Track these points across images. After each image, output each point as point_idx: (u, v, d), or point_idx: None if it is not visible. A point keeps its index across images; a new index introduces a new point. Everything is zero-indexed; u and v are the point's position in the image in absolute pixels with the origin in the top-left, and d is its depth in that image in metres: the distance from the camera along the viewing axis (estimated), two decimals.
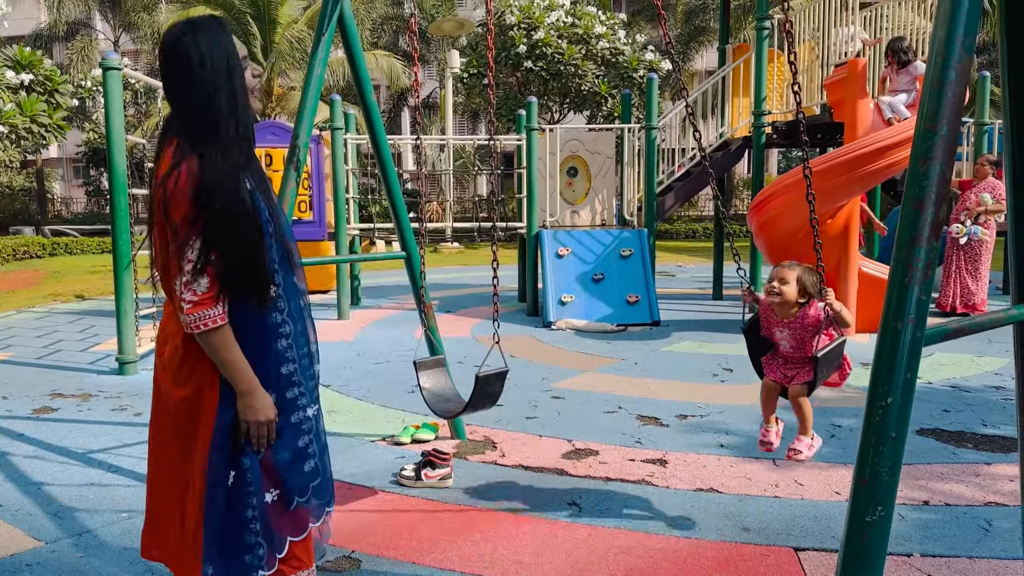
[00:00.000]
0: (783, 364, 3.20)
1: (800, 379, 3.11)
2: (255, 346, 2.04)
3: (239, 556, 2.01)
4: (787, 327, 3.13)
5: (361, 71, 4.13)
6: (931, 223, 1.71)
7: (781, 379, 3.19)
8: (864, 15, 8.93)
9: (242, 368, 1.98)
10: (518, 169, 9.70)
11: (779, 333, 3.16)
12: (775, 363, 3.23)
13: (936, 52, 1.77)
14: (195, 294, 1.93)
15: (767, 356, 3.27)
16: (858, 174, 6.76)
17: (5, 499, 3.65)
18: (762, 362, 3.28)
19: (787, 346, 3.16)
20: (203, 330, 1.94)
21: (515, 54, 17.00)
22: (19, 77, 12.50)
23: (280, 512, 2.08)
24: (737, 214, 26.19)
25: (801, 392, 3.11)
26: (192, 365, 2.02)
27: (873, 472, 1.69)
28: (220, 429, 2.01)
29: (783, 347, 3.18)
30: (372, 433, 4.66)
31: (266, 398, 2.01)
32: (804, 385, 3.09)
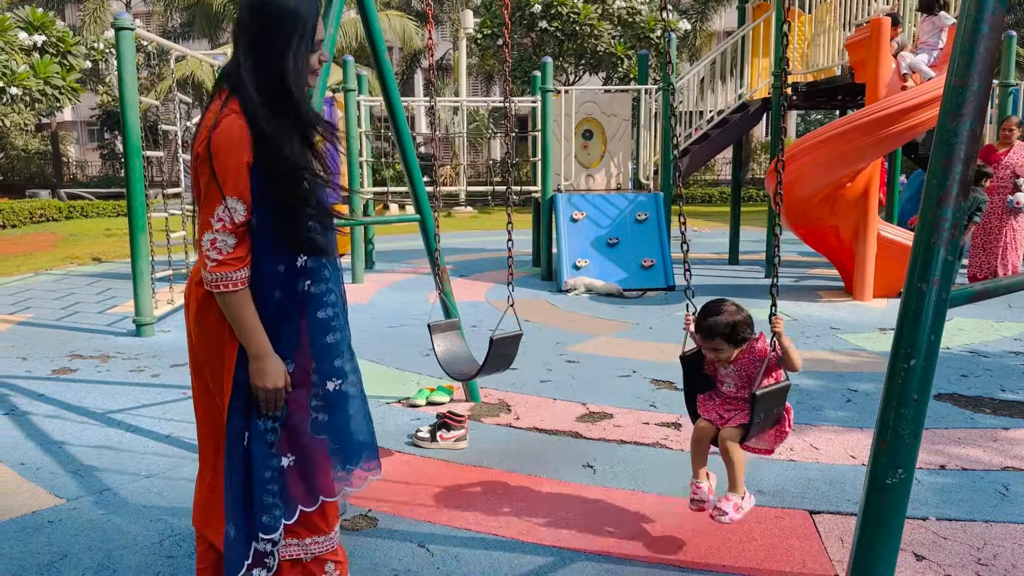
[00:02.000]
0: (721, 404, 2.79)
1: (735, 421, 2.71)
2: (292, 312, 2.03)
3: (257, 516, 2.02)
4: (732, 364, 2.75)
5: (375, 32, 4.07)
6: (959, 182, 1.67)
7: (717, 420, 2.76)
8: None
9: (255, 332, 1.96)
10: (532, 132, 9.60)
11: (723, 370, 2.77)
12: (712, 403, 2.81)
13: (969, 5, 1.71)
14: (220, 253, 1.91)
15: (704, 395, 2.85)
16: (879, 136, 6.65)
17: (27, 457, 3.70)
18: (698, 400, 2.86)
19: (731, 385, 2.77)
20: (223, 291, 1.92)
21: (530, 14, 16.76)
22: (32, 38, 12.44)
23: (296, 478, 2.08)
24: (754, 178, 25.93)
25: (734, 436, 2.67)
26: (215, 322, 2.01)
27: (894, 435, 1.67)
28: (237, 387, 2.01)
29: (726, 386, 2.78)
30: (387, 395, 4.69)
31: (277, 364, 1.99)
32: (739, 428, 2.68)
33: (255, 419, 2.01)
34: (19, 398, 4.67)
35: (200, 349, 2.06)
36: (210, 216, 1.91)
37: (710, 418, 2.77)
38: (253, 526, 2.02)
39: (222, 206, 1.90)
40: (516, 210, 16.38)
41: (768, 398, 2.55)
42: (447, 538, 2.87)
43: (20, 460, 3.67)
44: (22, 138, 28.67)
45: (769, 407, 2.58)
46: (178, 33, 28.51)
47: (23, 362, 5.52)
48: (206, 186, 1.92)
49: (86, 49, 20.98)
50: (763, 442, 2.82)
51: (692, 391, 2.89)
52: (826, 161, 6.91)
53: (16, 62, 11.75)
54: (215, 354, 2.03)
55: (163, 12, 29.22)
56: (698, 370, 2.86)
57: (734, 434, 2.68)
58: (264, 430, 2.02)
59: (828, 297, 7.85)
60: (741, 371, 2.73)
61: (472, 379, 3.69)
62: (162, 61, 26.31)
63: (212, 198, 1.91)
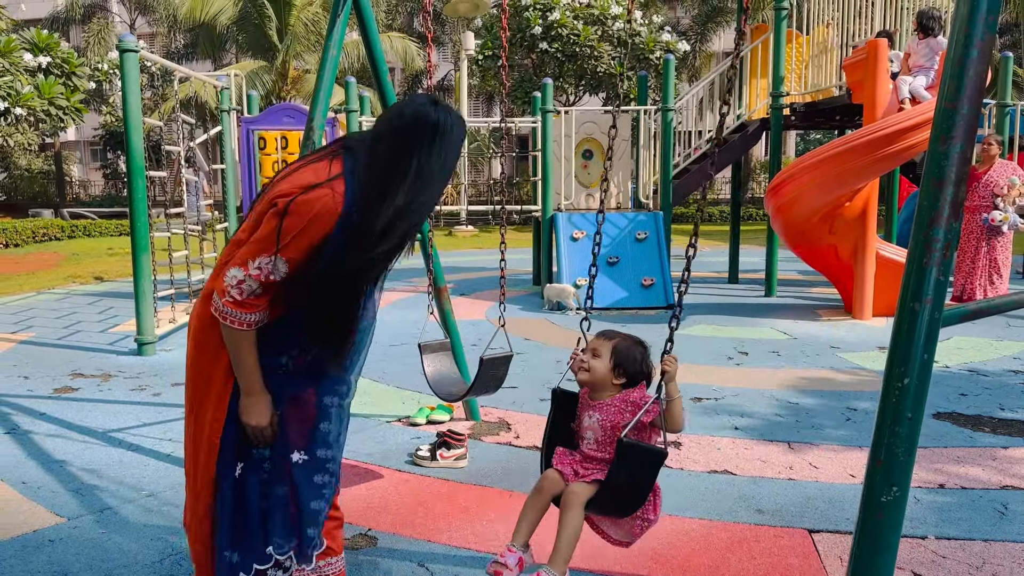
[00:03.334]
0: (581, 460, 2.34)
1: (590, 477, 2.28)
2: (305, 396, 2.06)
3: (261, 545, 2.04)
4: (598, 410, 2.31)
5: (376, 53, 4.12)
6: (951, 203, 1.70)
7: (570, 476, 2.31)
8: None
9: (250, 371, 1.96)
10: (533, 152, 9.67)
11: (587, 419, 2.33)
12: (571, 457, 2.37)
13: (958, 30, 1.75)
14: (242, 295, 1.90)
15: (564, 449, 2.41)
16: (876, 156, 6.70)
17: (28, 476, 3.71)
18: (555, 452, 2.41)
19: (591, 439, 2.31)
20: (228, 325, 1.92)
21: (530, 35, 16.91)
22: (37, 60, 12.56)
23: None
24: (754, 197, 26.03)
25: (583, 493, 2.22)
26: (213, 347, 2.01)
27: (889, 452, 1.69)
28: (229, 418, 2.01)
29: (586, 440, 2.33)
30: (388, 414, 4.70)
31: (263, 404, 1.99)
32: (592, 484, 2.24)
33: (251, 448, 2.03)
34: (21, 417, 4.69)
35: (191, 366, 2.07)
36: (250, 258, 1.89)
37: (562, 470, 2.33)
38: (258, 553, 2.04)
39: (269, 259, 1.88)
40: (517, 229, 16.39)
41: (637, 454, 2.15)
42: (447, 557, 2.88)
43: (21, 479, 3.68)
44: (25, 158, 28.83)
45: (634, 467, 2.16)
46: (181, 54, 28.75)
47: (25, 381, 5.54)
48: (266, 228, 1.89)
49: (90, 70, 21.16)
50: (620, 531, 2.40)
51: (552, 437, 2.46)
52: (824, 181, 6.96)
53: (21, 83, 11.86)
54: (202, 375, 2.04)
55: (167, 33, 29.48)
56: (568, 414, 2.44)
57: (585, 490, 2.24)
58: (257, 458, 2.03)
59: (827, 316, 7.87)
60: (606, 422, 2.29)
61: (460, 400, 3.71)
62: (165, 82, 26.51)
63: (264, 245, 1.88)
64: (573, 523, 2.19)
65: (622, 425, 2.22)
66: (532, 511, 2.32)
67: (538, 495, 2.32)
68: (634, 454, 2.13)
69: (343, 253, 1.89)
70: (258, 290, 1.90)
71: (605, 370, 2.30)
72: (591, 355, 2.33)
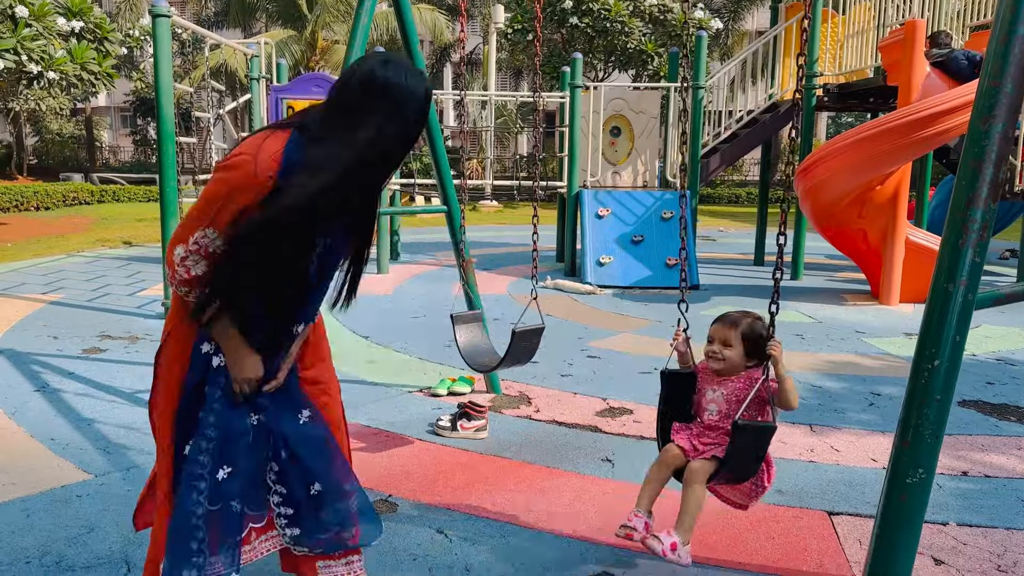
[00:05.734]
0: (699, 434, 2.45)
1: (709, 453, 2.39)
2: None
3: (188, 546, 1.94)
4: (722, 386, 2.45)
5: (408, 24, 4.10)
6: (990, 183, 1.67)
7: (690, 450, 2.42)
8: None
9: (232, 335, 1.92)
10: (560, 127, 9.60)
11: (711, 393, 2.46)
12: (688, 431, 2.48)
13: (1004, 7, 1.71)
14: (188, 272, 1.83)
15: (681, 424, 2.53)
16: (910, 140, 6.58)
17: (57, 434, 3.78)
18: (672, 427, 2.53)
19: (715, 412, 2.44)
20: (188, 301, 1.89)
21: (561, 10, 16.72)
22: (70, 24, 12.62)
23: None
24: (782, 179, 25.71)
25: (704, 469, 2.34)
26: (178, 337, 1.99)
27: (916, 434, 1.68)
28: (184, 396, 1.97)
29: (708, 413, 2.45)
30: (410, 384, 4.73)
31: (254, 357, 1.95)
32: (712, 461, 2.35)
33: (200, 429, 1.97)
34: (50, 375, 4.77)
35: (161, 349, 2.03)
36: (189, 233, 1.81)
37: (683, 445, 2.43)
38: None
39: (202, 231, 1.81)
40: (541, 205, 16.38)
41: (751, 433, 2.27)
42: (465, 525, 2.91)
43: (50, 435, 3.75)
44: (57, 122, 29.15)
45: (750, 445, 2.28)
46: (212, 22, 28.78)
47: (54, 341, 5.64)
48: (199, 199, 1.83)
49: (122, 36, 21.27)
50: (737, 494, 2.53)
51: (669, 415, 2.56)
52: (856, 164, 6.85)
53: (54, 47, 11.93)
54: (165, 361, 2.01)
55: (198, 1, 29.52)
56: (681, 392, 2.55)
57: (705, 467, 2.34)
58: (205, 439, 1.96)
59: (854, 300, 7.78)
60: (731, 397, 2.41)
61: (493, 371, 3.72)
62: (196, 49, 26.59)
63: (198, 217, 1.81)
64: (696, 497, 2.34)
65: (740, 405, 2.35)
66: (655, 481, 2.46)
67: (661, 467, 2.45)
68: (748, 433, 2.26)
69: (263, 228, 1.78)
70: (203, 265, 1.83)
71: (739, 358, 2.41)
72: (721, 345, 2.43)
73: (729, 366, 2.42)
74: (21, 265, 9.27)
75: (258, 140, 1.82)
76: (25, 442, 3.68)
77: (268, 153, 1.78)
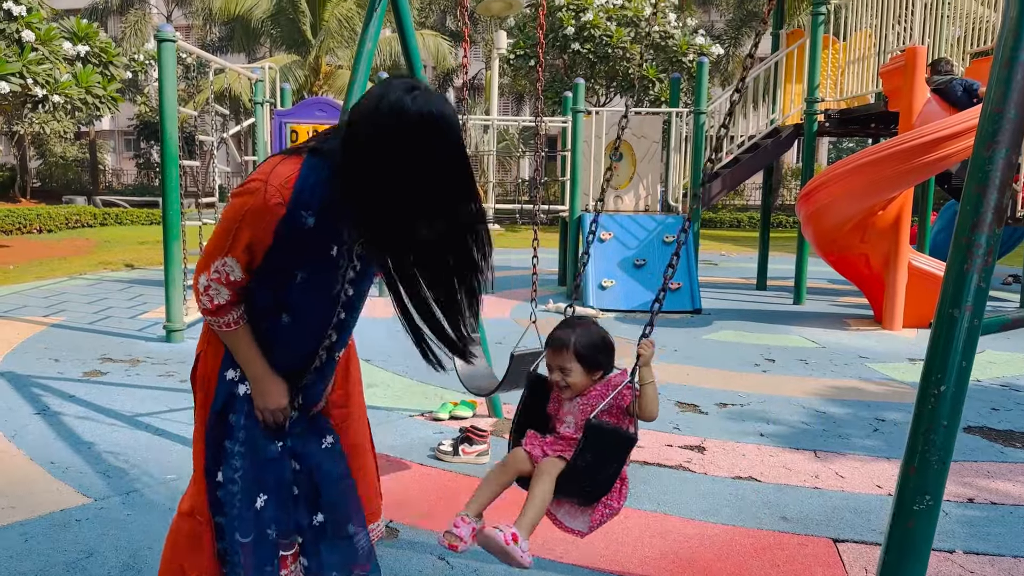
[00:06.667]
0: (552, 442, 2.24)
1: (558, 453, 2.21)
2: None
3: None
4: (581, 395, 2.24)
5: (411, 48, 4.14)
6: (994, 209, 1.67)
7: (539, 456, 2.20)
8: (924, 2, 8.67)
9: (252, 360, 1.91)
10: (562, 151, 9.64)
11: (568, 404, 2.25)
12: (541, 440, 2.26)
13: (1006, 33, 1.71)
14: (212, 302, 1.84)
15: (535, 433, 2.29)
16: (912, 165, 6.60)
17: (57, 457, 3.76)
18: (527, 435, 2.29)
19: (571, 423, 2.22)
20: (216, 329, 1.90)
21: (563, 36, 16.89)
22: (75, 48, 12.74)
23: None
24: (784, 204, 25.79)
25: (554, 467, 2.14)
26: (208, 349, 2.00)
27: (923, 460, 1.66)
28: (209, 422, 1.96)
29: (565, 426, 2.24)
30: (411, 408, 4.71)
31: (277, 384, 1.93)
32: (563, 460, 2.15)
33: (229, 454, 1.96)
34: (50, 398, 4.76)
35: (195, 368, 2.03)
36: (210, 261, 1.82)
37: (531, 451, 2.23)
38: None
39: (222, 260, 1.81)
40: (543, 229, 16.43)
41: (606, 437, 2.09)
42: (467, 552, 2.87)
43: (50, 459, 3.73)
44: (61, 145, 29.31)
45: (603, 451, 2.10)
46: (216, 46, 29.07)
47: (55, 363, 5.63)
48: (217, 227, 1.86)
49: (127, 60, 21.46)
50: (580, 517, 2.26)
51: (524, 421, 2.34)
52: (858, 189, 6.87)
53: (59, 71, 12.04)
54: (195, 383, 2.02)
55: (203, 26, 29.83)
56: (542, 399, 2.34)
57: (555, 464, 2.15)
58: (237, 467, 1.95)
59: (857, 325, 7.77)
60: (586, 406, 2.19)
61: (491, 395, 3.70)
62: (200, 73, 26.81)
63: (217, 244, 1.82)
64: (542, 491, 2.13)
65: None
66: (493, 484, 2.23)
67: (502, 470, 2.24)
68: (602, 435, 2.07)
69: (290, 259, 1.81)
70: (226, 293, 1.83)
71: (584, 379, 2.20)
72: (560, 374, 2.20)
73: (578, 389, 2.20)
74: (23, 287, 9.28)
75: (270, 165, 1.80)
76: (24, 465, 3.65)
77: (281, 178, 1.76)
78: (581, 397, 2.22)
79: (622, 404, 2.16)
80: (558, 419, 2.28)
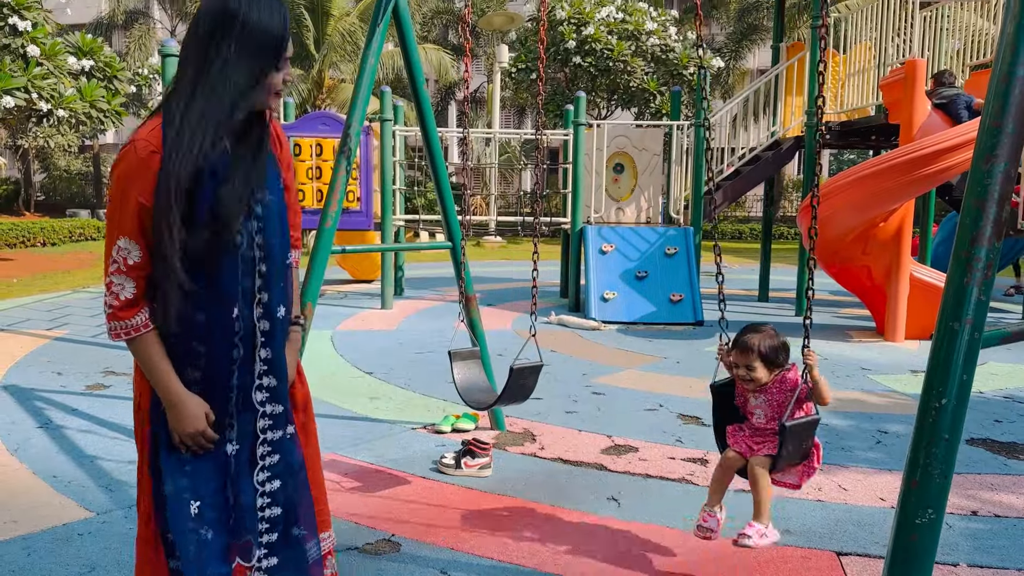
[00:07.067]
0: (751, 435, 2.79)
1: (765, 451, 2.74)
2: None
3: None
4: (762, 393, 2.76)
5: (414, 62, 4.16)
6: (993, 222, 1.67)
7: (746, 451, 2.77)
8: (924, 15, 8.72)
9: (163, 376, 1.81)
10: (563, 164, 9.67)
11: (754, 400, 2.78)
12: (742, 434, 2.82)
13: (1004, 47, 1.73)
14: (117, 298, 1.76)
15: (734, 426, 2.85)
16: (913, 177, 6.62)
17: (59, 471, 3.76)
18: (727, 432, 2.86)
19: (761, 416, 2.76)
20: (125, 339, 1.79)
21: (564, 49, 16.96)
22: (80, 63, 12.83)
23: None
24: (786, 216, 25.81)
25: (763, 463, 2.70)
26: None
27: (925, 474, 1.66)
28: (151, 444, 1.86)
29: (756, 417, 2.78)
30: (413, 421, 4.71)
31: (192, 407, 1.81)
32: (768, 457, 2.70)
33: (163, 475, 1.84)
34: (53, 412, 4.76)
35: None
36: (108, 254, 1.75)
37: (739, 449, 2.78)
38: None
39: (115, 243, 1.74)
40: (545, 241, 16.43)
41: (798, 430, 2.59)
42: (469, 565, 2.87)
43: (52, 473, 3.74)
44: (65, 159, 29.41)
45: (798, 440, 2.61)
46: None
47: (58, 376, 5.63)
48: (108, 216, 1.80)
49: (131, 74, 21.58)
50: (790, 476, 2.80)
51: (721, 422, 2.91)
52: (859, 201, 6.88)
53: (64, 85, 12.11)
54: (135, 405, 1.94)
55: None
56: (728, 401, 2.88)
57: (764, 461, 2.70)
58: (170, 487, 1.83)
59: (859, 337, 7.76)
60: (772, 401, 2.74)
61: (489, 408, 3.71)
62: None
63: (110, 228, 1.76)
64: (763, 485, 2.70)
65: (783, 403, 2.70)
66: (719, 484, 2.83)
67: (722, 472, 2.82)
68: (797, 430, 2.60)
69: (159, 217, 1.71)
70: (130, 286, 1.75)
71: (765, 374, 2.72)
72: (746, 370, 2.72)
73: (760, 382, 2.72)
74: (26, 301, 9.30)
75: (134, 131, 1.80)
76: (27, 479, 3.66)
77: (146, 130, 1.75)
78: (764, 395, 2.75)
79: (800, 397, 2.66)
80: (748, 411, 2.81)
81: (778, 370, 2.73)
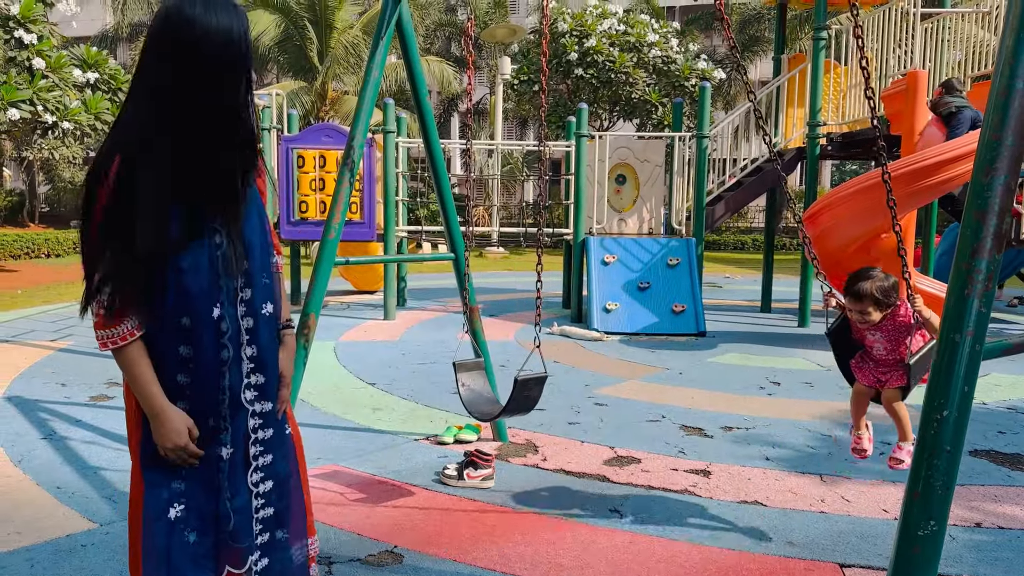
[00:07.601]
0: (875, 368, 3.17)
1: (893, 383, 3.11)
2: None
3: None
4: (878, 330, 3.10)
5: (417, 74, 4.19)
6: (993, 234, 1.68)
7: (874, 383, 3.17)
8: (925, 27, 8.75)
9: (145, 389, 1.80)
10: (566, 175, 9.70)
11: (871, 336, 3.13)
12: (866, 367, 3.20)
13: (1003, 61, 1.74)
14: (101, 306, 1.75)
15: (856, 359, 3.24)
16: (915, 188, 6.62)
17: (63, 482, 3.77)
18: (852, 367, 3.26)
19: (881, 349, 3.13)
20: (112, 348, 1.78)
21: (566, 61, 17.03)
22: (85, 76, 12.90)
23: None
24: (788, 227, 25.81)
25: (896, 397, 3.11)
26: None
27: (927, 485, 1.66)
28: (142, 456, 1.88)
29: (876, 351, 3.14)
30: (416, 432, 4.71)
31: (177, 421, 1.81)
32: (898, 390, 3.09)
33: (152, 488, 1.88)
34: (57, 423, 4.77)
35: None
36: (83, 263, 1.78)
37: (868, 383, 3.19)
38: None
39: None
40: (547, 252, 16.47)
41: (921, 362, 2.97)
42: None
43: (56, 484, 3.74)
44: (69, 171, 29.52)
45: (922, 368, 2.97)
46: None
47: (62, 388, 5.64)
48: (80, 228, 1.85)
49: None
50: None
51: (844, 358, 3.28)
52: (861, 211, 6.88)
53: (69, 98, 12.18)
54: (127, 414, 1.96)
55: None
56: (846, 339, 3.23)
57: (895, 395, 3.11)
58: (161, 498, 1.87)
59: None
60: (889, 336, 3.08)
61: (494, 419, 3.71)
62: None
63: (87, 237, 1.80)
64: (901, 414, 3.16)
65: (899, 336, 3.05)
66: (858, 410, 3.29)
67: (858, 400, 3.28)
68: (920, 362, 2.96)
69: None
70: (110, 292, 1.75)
71: (878, 314, 3.04)
72: (860, 314, 3.05)
73: (875, 321, 3.05)
74: (31, 312, 9.33)
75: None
76: (31, 490, 3.66)
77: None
78: (880, 331, 3.08)
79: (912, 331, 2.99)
80: (868, 344, 3.17)
81: (889, 308, 3.04)
